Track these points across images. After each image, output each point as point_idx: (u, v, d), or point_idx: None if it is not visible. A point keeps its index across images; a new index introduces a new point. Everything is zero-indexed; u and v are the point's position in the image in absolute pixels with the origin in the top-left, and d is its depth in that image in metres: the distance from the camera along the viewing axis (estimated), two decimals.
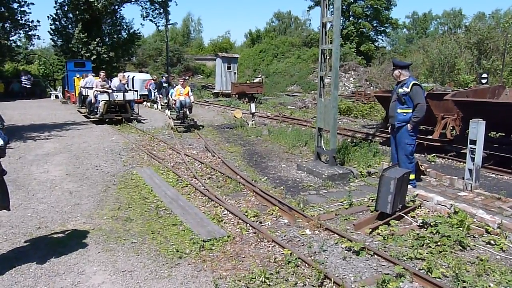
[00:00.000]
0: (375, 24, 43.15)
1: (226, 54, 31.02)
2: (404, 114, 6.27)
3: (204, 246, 4.31)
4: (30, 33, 25.29)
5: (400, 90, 6.25)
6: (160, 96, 19.01)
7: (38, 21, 25.10)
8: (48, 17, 26.27)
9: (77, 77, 18.79)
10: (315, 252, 4.23)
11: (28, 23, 24.81)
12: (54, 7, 26.01)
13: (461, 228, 4.60)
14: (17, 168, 7.48)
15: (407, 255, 4.12)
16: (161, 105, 18.64)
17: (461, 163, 8.14)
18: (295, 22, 61.76)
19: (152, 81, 21.27)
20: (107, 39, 27.33)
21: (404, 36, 65.84)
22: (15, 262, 3.90)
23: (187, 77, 27.10)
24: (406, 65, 6.54)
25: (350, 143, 9.36)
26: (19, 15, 24.28)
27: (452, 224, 4.68)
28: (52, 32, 26.29)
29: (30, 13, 24.87)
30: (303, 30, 54.83)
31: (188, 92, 13.16)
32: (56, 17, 26.18)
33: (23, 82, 24.73)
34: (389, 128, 6.81)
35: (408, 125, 6.22)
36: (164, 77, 21.02)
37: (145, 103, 20.60)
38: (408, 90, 6.13)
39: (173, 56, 42.45)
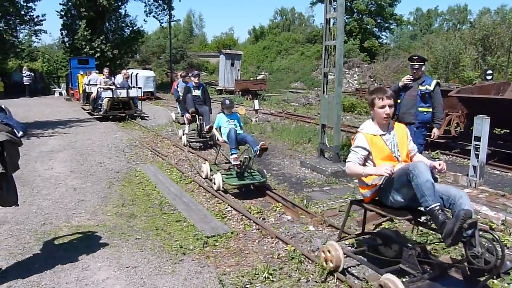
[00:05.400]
0: (379, 21, 42.91)
1: (229, 51, 30.98)
2: (425, 113, 6.08)
3: (208, 242, 4.32)
4: (35, 28, 25.29)
5: (422, 87, 6.01)
6: (188, 117, 9.42)
7: (44, 15, 25.09)
8: (56, 11, 26.34)
9: (81, 74, 18.84)
10: (318, 248, 4.23)
11: (33, 18, 24.79)
12: (60, 4, 26.08)
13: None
14: (22, 165, 7.44)
15: None
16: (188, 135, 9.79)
17: (466, 160, 8.11)
18: (298, 18, 61.60)
19: (181, 79, 12.27)
20: (110, 36, 27.36)
21: (408, 32, 65.48)
22: (20, 258, 3.93)
23: (190, 74, 26.31)
24: (427, 60, 6.39)
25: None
26: (25, 11, 24.25)
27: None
28: (62, 28, 26.28)
29: (34, 9, 24.78)
30: (306, 27, 54.65)
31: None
32: (63, 13, 26.19)
33: (24, 80, 22.63)
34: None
35: (435, 129, 6.14)
36: (191, 75, 9.96)
37: (173, 115, 12.95)
38: (432, 89, 5.95)
39: (177, 53, 42.43)
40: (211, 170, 6.63)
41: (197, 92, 9.32)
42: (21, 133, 3.64)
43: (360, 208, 5.40)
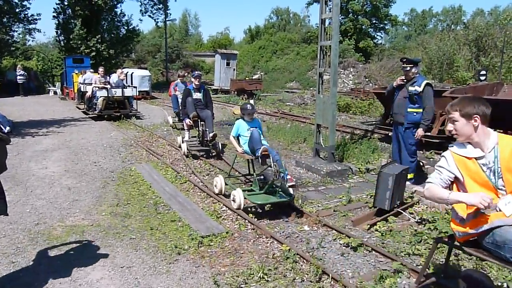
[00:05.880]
0: (374, 21, 43.06)
1: (225, 51, 30.91)
2: (415, 114, 6.11)
3: (203, 242, 4.32)
4: (29, 27, 25.13)
5: (411, 88, 6.03)
6: (188, 122, 8.51)
7: (39, 14, 24.94)
8: (54, 8, 26.15)
9: (76, 73, 18.73)
10: (313, 248, 4.24)
11: (27, 17, 24.62)
12: (57, 3, 25.89)
13: None
14: (16, 164, 7.47)
15: (405, 251, 4.14)
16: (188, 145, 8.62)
17: None
18: (294, 18, 61.64)
19: (179, 80, 11.49)
20: (106, 35, 27.24)
21: (403, 33, 65.78)
22: (13, 258, 3.91)
23: (186, 74, 26.27)
24: (418, 61, 6.36)
25: (349, 140, 9.36)
26: (19, 9, 24.07)
27: (450, 220, 4.68)
28: (57, 27, 26.14)
29: (29, 8, 24.62)
30: (302, 27, 54.69)
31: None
32: (58, 12, 26.03)
33: (18, 78, 22.04)
34: (392, 125, 6.64)
35: (420, 130, 6.05)
36: (192, 76, 9.03)
37: (170, 119, 12.20)
38: (421, 90, 5.96)
39: (172, 52, 42.34)
40: (226, 184, 5.89)
41: (198, 95, 8.54)
42: (7, 128, 3.39)
43: (357, 208, 5.50)
